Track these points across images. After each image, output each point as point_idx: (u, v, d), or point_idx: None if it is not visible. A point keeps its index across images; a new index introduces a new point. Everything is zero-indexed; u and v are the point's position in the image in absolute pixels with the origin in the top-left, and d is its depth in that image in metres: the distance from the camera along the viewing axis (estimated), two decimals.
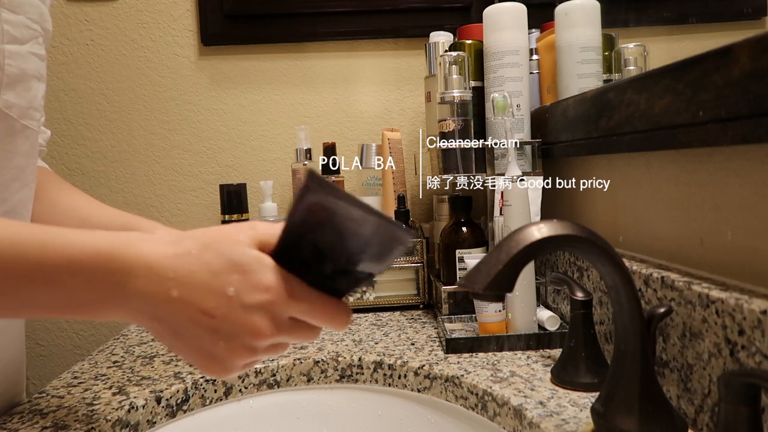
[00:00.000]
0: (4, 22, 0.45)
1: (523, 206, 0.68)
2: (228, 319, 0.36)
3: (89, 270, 0.36)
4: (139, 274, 0.36)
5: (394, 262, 0.67)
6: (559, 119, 0.74)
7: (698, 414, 0.46)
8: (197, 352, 0.38)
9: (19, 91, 0.48)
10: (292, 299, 0.37)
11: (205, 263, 0.37)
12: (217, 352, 0.37)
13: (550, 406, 0.52)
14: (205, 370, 0.39)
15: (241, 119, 1.12)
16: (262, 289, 0.36)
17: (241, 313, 0.36)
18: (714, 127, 0.43)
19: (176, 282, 0.36)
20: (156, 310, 0.37)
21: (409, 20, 1.09)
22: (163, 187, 1.12)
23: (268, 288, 0.36)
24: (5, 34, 0.46)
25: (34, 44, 0.50)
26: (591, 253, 0.40)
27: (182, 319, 0.36)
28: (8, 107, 0.47)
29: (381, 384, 0.68)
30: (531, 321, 0.70)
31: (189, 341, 0.37)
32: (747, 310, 0.39)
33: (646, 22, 0.88)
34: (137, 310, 0.37)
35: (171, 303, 0.36)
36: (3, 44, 0.46)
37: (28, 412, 0.57)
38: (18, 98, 0.48)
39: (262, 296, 0.36)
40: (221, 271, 0.36)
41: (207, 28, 1.08)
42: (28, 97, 0.49)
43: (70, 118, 1.10)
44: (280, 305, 0.37)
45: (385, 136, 0.99)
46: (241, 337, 0.37)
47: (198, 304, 0.36)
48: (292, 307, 0.37)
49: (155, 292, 0.36)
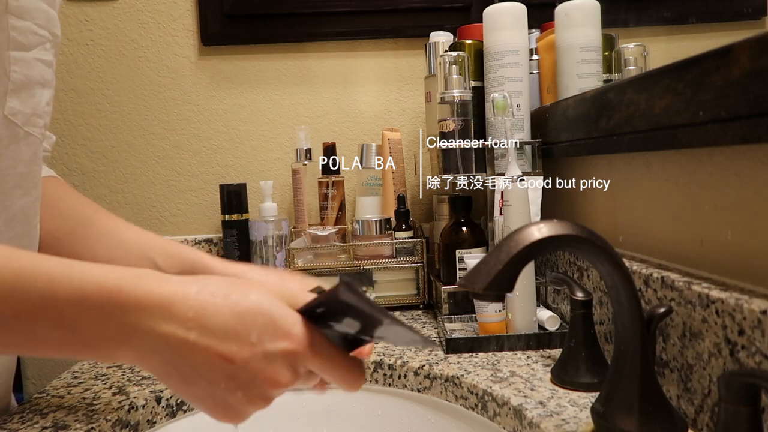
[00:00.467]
0: (11, 29, 0.45)
1: (523, 206, 0.68)
2: (248, 367, 0.34)
3: (97, 306, 0.34)
4: (154, 312, 0.34)
5: None
6: (559, 119, 0.74)
7: (698, 414, 0.46)
8: (210, 399, 0.36)
9: (23, 98, 0.48)
10: (314, 351, 0.35)
11: (232, 303, 0.34)
12: (232, 401, 0.35)
13: (550, 406, 0.52)
14: (215, 416, 0.37)
15: (241, 119, 1.12)
16: (286, 337, 0.35)
17: (262, 361, 0.34)
18: (714, 127, 0.43)
19: (196, 323, 0.34)
20: (170, 351, 0.34)
21: (409, 20, 1.09)
22: (163, 187, 1.12)
23: (293, 336, 0.35)
24: (11, 41, 0.45)
25: (41, 50, 0.49)
26: (591, 253, 0.40)
27: (198, 363, 0.34)
28: (13, 114, 0.47)
29: (381, 384, 0.68)
30: (531, 321, 0.70)
31: (202, 387, 0.35)
32: (747, 310, 0.39)
33: (646, 22, 0.88)
34: (151, 350, 0.34)
35: (187, 345, 0.34)
36: (8, 51, 0.45)
37: (28, 412, 0.57)
38: (22, 105, 0.48)
39: (286, 344, 0.34)
40: (247, 313, 0.34)
41: (207, 28, 1.08)
42: (31, 103, 0.49)
43: (70, 118, 1.10)
44: (301, 356, 0.35)
45: (385, 136, 0.99)
46: (260, 387, 0.35)
47: (217, 348, 0.34)
48: (314, 360, 0.36)
49: (171, 333, 0.33)
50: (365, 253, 0.92)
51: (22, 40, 0.46)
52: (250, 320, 0.34)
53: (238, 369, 0.34)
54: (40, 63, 0.49)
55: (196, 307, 0.34)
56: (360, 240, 0.92)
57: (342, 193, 0.99)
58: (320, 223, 1.00)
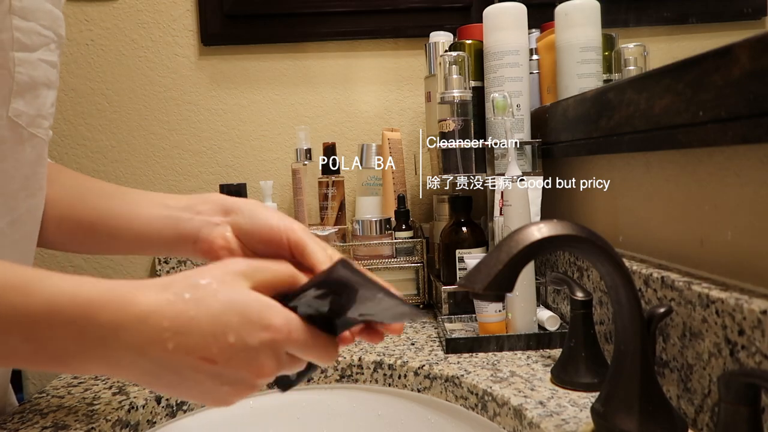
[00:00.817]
0: (15, 29, 0.45)
1: (523, 206, 0.68)
2: (230, 365, 0.35)
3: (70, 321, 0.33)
4: (129, 327, 0.34)
5: None
6: (559, 119, 0.74)
7: (698, 414, 0.46)
8: (199, 394, 0.36)
9: (28, 99, 0.47)
10: (293, 337, 0.36)
11: (204, 307, 0.35)
12: (219, 394, 0.36)
13: (550, 406, 0.52)
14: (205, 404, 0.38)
15: (241, 119, 1.12)
16: (265, 329, 0.35)
17: (244, 356, 0.35)
18: (714, 127, 0.43)
19: (172, 332, 0.34)
20: (150, 362, 0.34)
21: (409, 20, 1.09)
22: (163, 187, 1.12)
23: (270, 326, 0.35)
24: (15, 42, 0.45)
25: (45, 51, 0.49)
26: (591, 253, 0.40)
27: (180, 369, 0.35)
28: (17, 115, 0.47)
29: (381, 384, 0.68)
30: (531, 321, 0.70)
31: (189, 386, 0.36)
32: (747, 310, 0.39)
33: (646, 22, 0.88)
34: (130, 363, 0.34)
35: (167, 355, 0.34)
36: (13, 52, 0.45)
37: (28, 412, 0.57)
38: (27, 106, 0.47)
39: (265, 335, 0.35)
40: (221, 313, 0.35)
41: (207, 28, 1.08)
42: (36, 104, 0.49)
43: (70, 118, 1.10)
44: (281, 343, 0.36)
45: (385, 136, 0.99)
46: (245, 379, 0.36)
47: (199, 352, 0.34)
48: (293, 345, 0.37)
49: (149, 345, 0.34)
50: (365, 253, 0.92)
51: (26, 41, 0.46)
52: (225, 321, 0.35)
53: (221, 368, 0.35)
54: (45, 64, 0.49)
55: (171, 316, 0.34)
56: (360, 240, 0.92)
57: (342, 193, 0.99)
58: (320, 223, 1.00)
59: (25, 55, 0.46)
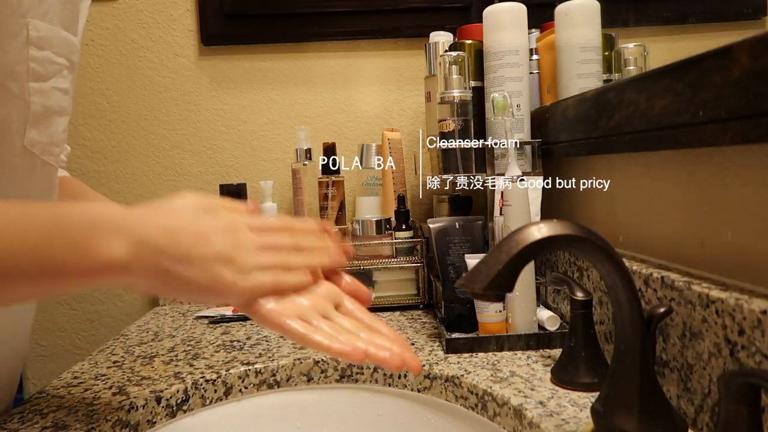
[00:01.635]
0: (31, 60, 0.45)
1: (523, 206, 0.68)
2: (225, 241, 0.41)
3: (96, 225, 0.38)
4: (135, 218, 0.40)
5: None
6: (559, 119, 0.74)
7: (698, 414, 0.46)
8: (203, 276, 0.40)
9: (41, 128, 0.48)
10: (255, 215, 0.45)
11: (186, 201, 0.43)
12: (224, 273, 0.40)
13: (550, 406, 0.52)
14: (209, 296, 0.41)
15: (241, 119, 1.12)
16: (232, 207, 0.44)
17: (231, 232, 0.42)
18: (714, 127, 0.43)
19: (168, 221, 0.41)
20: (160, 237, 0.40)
21: (409, 20, 1.09)
22: (163, 187, 1.12)
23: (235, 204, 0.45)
24: (30, 73, 0.45)
25: (58, 78, 0.49)
26: (591, 253, 0.40)
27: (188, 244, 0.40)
28: (32, 145, 0.47)
29: (381, 384, 0.68)
30: (531, 321, 0.70)
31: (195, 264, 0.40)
32: (747, 310, 0.39)
33: (646, 22, 0.88)
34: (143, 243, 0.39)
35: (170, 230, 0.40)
36: (28, 83, 0.45)
37: (28, 412, 0.57)
38: (40, 135, 0.48)
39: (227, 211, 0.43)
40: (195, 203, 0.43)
41: (207, 28, 1.08)
42: (48, 132, 0.49)
43: (70, 118, 1.10)
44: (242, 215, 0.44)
45: (385, 136, 0.99)
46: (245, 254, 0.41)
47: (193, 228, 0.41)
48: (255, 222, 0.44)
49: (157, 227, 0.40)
50: (365, 253, 0.92)
51: (41, 70, 0.46)
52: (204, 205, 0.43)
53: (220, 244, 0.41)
54: (58, 92, 0.49)
55: (163, 212, 0.42)
56: (360, 240, 0.92)
57: (342, 193, 0.99)
58: None
59: (40, 84, 0.46)
